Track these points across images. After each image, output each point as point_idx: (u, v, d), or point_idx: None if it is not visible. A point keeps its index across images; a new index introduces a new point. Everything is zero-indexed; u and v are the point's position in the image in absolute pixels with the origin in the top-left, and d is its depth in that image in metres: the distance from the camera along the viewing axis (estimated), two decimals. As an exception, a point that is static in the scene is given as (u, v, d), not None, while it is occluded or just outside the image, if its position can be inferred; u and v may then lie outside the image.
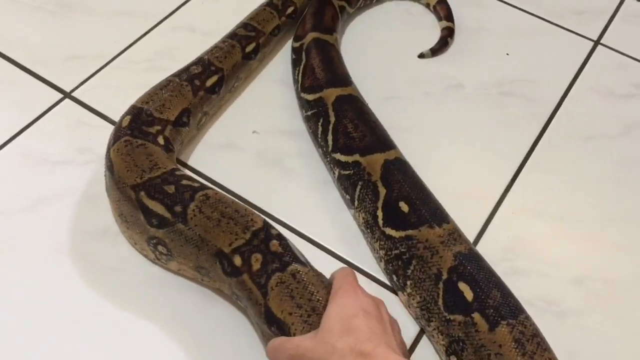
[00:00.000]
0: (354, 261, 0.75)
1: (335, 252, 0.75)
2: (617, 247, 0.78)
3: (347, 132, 0.76)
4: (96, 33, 0.95)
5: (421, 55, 0.95)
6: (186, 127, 0.80)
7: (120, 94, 0.88)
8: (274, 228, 0.66)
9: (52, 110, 0.85)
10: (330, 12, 0.92)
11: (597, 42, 1.00)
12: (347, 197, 0.76)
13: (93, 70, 0.90)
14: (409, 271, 0.68)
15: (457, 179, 0.81)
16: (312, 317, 0.59)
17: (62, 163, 0.80)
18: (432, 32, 0.99)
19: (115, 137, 0.73)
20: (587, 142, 0.88)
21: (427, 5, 1.02)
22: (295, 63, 0.89)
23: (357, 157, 0.74)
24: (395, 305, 0.70)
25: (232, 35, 0.89)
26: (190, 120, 0.80)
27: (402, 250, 0.69)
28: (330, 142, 0.77)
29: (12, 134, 0.82)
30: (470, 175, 0.83)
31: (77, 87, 0.88)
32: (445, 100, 0.91)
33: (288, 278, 0.61)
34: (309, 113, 0.80)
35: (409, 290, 0.68)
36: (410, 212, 0.69)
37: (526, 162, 0.85)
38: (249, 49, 0.88)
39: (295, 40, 0.91)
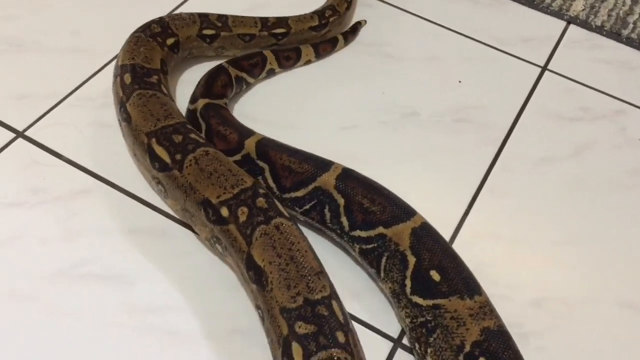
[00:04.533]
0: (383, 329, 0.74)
1: (364, 320, 0.74)
2: (572, 267, 0.80)
3: (363, 208, 0.74)
4: (49, 71, 0.93)
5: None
6: (167, 75, 0.88)
7: (74, 131, 0.86)
8: (262, 188, 0.72)
9: (4, 150, 0.83)
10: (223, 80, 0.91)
11: (544, 68, 1.04)
12: (373, 270, 0.74)
13: (46, 109, 0.89)
14: (432, 339, 0.67)
15: (416, 206, 0.82)
16: (290, 265, 0.65)
17: (15, 205, 0.78)
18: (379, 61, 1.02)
19: (127, 94, 0.80)
20: (539, 165, 0.90)
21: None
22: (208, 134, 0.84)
23: (380, 229, 0.73)
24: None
25: (201, 15, 0.94)
26: (168, 69, 0.89)
27: (428, 318, 0.68)
28: (345, 223, 0.75)
29: (-37, 177, 0.80)
30: (429, 201, 0.84)
31: (30, 126, 0.86)
32: (401, 129, 0.93)
33: (272, 230, 0.68)
34: (308, 206, 0.78)
35: (429, 358, 0.68)
36: (441, 281, 0.68)
37: (482, 186, 0.87)
38: (207, 32, 0.93)
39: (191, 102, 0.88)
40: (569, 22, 1.12)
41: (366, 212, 0.74)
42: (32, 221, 0.77)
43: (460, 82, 1.00)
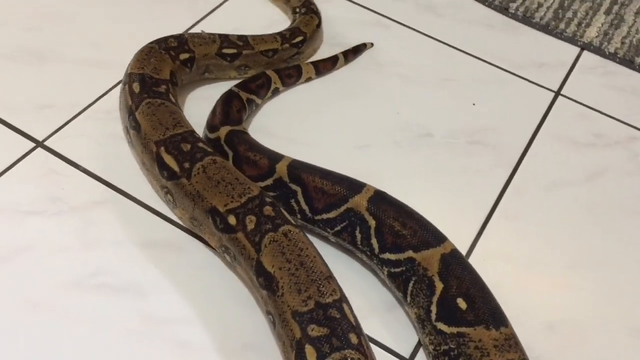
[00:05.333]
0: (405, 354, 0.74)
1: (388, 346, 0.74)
2: (584, 291, 0.81)
3: (394, 231, 0.74)
4: (69, 82, 0.95)
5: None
6: (176, 86, 0.90)
7: (93, 142, 0.88)
8: (268, 197, 0.73)
9: (24, 160, 0.84)
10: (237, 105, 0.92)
11: (557, 93, 1.05)
12: (400, 293, 0.75)
13: (66, 119, 0.90)
14: None
15: (429, 226, 0.83)
16: (300, 270, 0.66)
17: (33, 213, 0.79)
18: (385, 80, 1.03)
19: (136, 103, 0.82)
20: (552, 189, 0.91)
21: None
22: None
23: (410, 253, 0.73)
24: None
25: (221, 35, 0.97)
26: (177, 81, 0.90)
27: (452, 346, 0.68)
28: (375, 245, 0.76)
29: (-18, 184, 0.81)
30: (442, 223, 0.83)
31: (49, 136, 0.88)
32: (415, 149, 0.94)
33: (280, 237, 0.69)
34: (339, 228, 0.78)
35: None
36: (467, 310, 0.68)
37: (495, 208, 0.88)
38: (226, 51, 0.95)
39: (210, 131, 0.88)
40: (582, 48, 1.13)
41: (396, 235, 0.74)
42: (50, 230, 0.78)
43: (474, 104, 1.01)
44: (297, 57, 1.02)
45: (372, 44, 1.07)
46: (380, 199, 0.77)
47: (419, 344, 0.74)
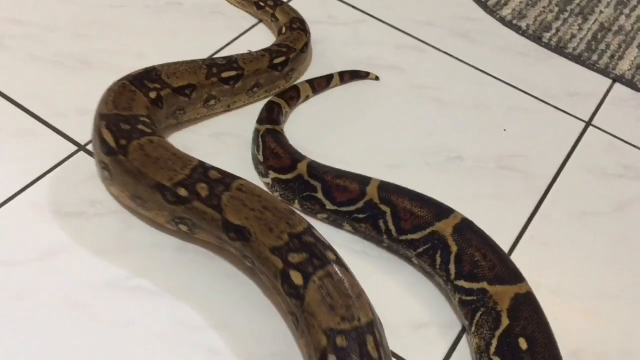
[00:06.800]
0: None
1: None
2: (610, 321, 0.81)
3: (473, 260, 0.76)
4: (112, 89, 0.98)
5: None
6: (187, 97, 0.90)
7: (133, 149, 0.90)
8: (208, 164, 0.76)
9: (66, 162, 0.87)
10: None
11: (588, 123, 1.06)
12: (466, 322, 0.76)
13: (107, 125, 0.93)
14: None
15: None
16: (265, 213, 0.71)
17: (74, 214, 0.82)
18: (404, 96, 1.05)
19: (119, 79, 0.86)
20: (580, 218, 0.92)
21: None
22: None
23: (484, 284, 0.75)
24: None
25: (266, 49, 1.00)
26: (193, 94, 0.91)
27: None
28: (452, 271, 0.77)
29: (26, 184, 0.84)
30: (470, 245, 0.85)
31: (91, 140, 0.90)
32: (445, 171, 0.95)
33: (235, 193, 0.73)
34: (422, 249, 0.80)
35: None
36: (527, 351, 0.69)
37: (523, 234, 0.89)
38: (277, 60, 0.98)
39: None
40: (614, 80, 1.14)
41: (475, 265, 0.76)
42: (88, 231, 0.80)
43: (505, 130, 1.02)
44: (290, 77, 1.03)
45: (377, 77, 1.07)
46: (466, 227, 0.78)
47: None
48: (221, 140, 0.94)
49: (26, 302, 0.73)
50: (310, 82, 1.02)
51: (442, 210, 0.80)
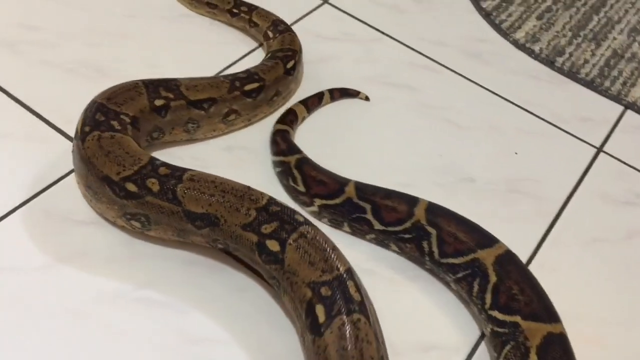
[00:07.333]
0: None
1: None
2: (617, 349, 0.80)
3: (511, 293, 0.76)
4: (125, 99, 0.98)
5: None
6: (203, 111, 0.90)
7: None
8: (158, 160, 0.77)
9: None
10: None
11: (599, 149, 1.06)
12: (495, 354, 0.76)
13: (120, 134, 0.93)
14: None
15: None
16: (226, 196, 0.73)
17: (84, 223, 0.82)
18: (415, 115, 1.05)
19: (138, 79, 0.88)
20: (590, 244, 0.91)
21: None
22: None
23: (517, 318, 0.74)
24: None
25: (273, 57, 1.00)
26: (212, 109, 0.90)
27: None
28: (488, 301, 0.77)
29: (37, 191, 0.84)
30: (479, 268, 0.85)
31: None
32: (455, 193, 0.95)
33: (189, 184, 0.74)
34: (461, 275, 0.80)
35: None
36: None
37: (532, 259, 0.88)
38: (289, 65, 0.99)
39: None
40: (626, 107, 1.14)
41: (511, 298, 0.75)
42: (99, 241, 0.80)
43: (516, 153, 1.02)
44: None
45: (367, 98, 1.06)
46: (509, 259, 0.78)
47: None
48: (234, 154, 0.94)
49: (34, 310, 0.73)
50: (304, 102, 1.01)
51: (486, 239, 0.80)
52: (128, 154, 0.76)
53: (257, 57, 1.09)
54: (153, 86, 0.87)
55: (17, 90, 0.96)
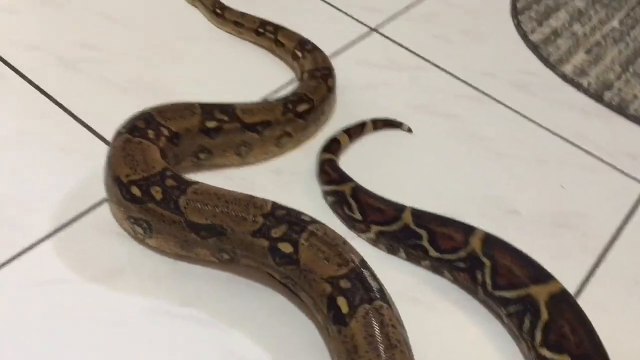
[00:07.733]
0: None
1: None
2: (665, 394, 0.78)
3: (562, 332, 0.75)
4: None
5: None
6: (257, 134, 0.91)
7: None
8: (171, 171, 0.78)
9: (128, 186, 0.90)
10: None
11: (648, 186, 1.04)
12: None
13: (170, 153, 0.95)
14: None
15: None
16: (230, 206, 0.74)
17: (133, 239, 0.83)
18: (452, 142, 1.04)
19: (195, 102, 0.91)
20: (636, 286, 0.89)
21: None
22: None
23: (566, 358, 0.73)
24: None
25: (312, 77, 1.02)
26: (266, 132, 0.92)
27: None
28: (538, 338, 0.76)
29: (89, 205, 0.86)
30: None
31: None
32: (500, 225, 0.94)
33: (193, 196, 0.75)
34: (512, 309, 0.79)
35: None
36: None
37: (578, 296, 0.87)
38: (329, 83, 1.01)
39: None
40: (676, 145, 1.12)
41: (563, 337, 0.74)
42: (146, 256, 0.82)
43: (563, 187, 1.01)
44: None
45: (410, 130, 1.05)
46: (562, 299, 0.77)
47: None
48: (282, 178, 0.95)
49: (80, 322, 0.75)
50: (347, 131, 1.01)
51: (541, 274, 0.79)
52: (145, 161, 0.79)
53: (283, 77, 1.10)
54: (208, 108, 0.89)
55: (75, 107, 1.00)
